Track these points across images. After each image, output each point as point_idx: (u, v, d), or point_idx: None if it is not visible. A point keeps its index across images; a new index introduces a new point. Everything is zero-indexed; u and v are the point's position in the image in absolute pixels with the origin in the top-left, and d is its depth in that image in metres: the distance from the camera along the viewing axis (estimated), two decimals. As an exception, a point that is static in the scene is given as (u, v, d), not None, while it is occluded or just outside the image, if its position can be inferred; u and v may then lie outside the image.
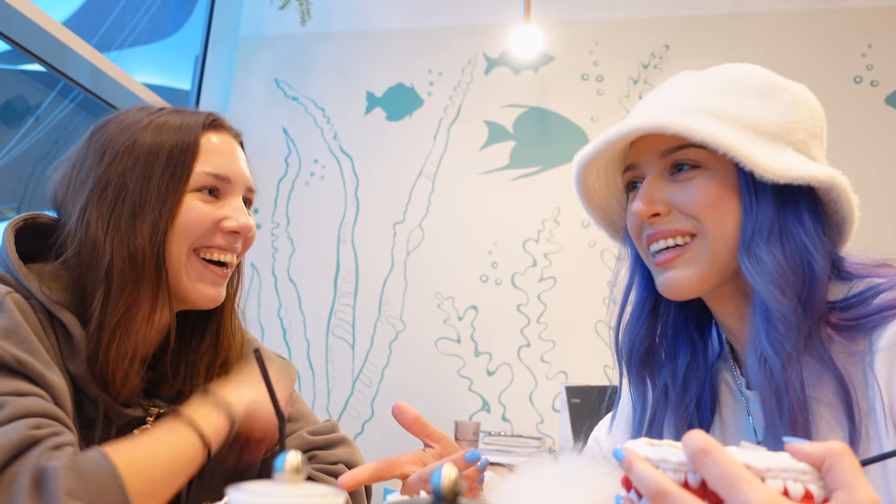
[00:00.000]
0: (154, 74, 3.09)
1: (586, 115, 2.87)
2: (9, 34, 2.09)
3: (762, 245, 0.73)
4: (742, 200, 0.76)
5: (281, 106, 3.07)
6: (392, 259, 2.89)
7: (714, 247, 0.77)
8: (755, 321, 0.74)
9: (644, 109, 0.83)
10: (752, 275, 0.73)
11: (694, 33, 2.83)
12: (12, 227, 0.86)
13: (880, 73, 2.67)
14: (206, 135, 0.90)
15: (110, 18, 2.83)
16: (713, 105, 0.78)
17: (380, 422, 2.75)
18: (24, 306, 0.78)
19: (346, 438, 1.00)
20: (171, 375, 0.92)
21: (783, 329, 0.71)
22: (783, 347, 0.71)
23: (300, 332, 2.87)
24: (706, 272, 0.77)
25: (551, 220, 2.81)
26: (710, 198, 0.77)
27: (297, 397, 1.03)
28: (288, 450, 0.41)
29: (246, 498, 0.38)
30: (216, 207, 0.89)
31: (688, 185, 0.78)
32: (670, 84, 0.86)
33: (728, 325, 0.84)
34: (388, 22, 3.07)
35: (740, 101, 0.78)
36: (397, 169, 2.95)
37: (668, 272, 0.79)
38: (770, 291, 0.72)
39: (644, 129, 0.76)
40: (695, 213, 0.77)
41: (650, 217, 0.79)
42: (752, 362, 0.74)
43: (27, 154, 2.37)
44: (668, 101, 0.82)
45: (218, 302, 0.91)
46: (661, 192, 0.79)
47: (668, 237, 0.79)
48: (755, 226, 0.74)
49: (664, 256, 0.79)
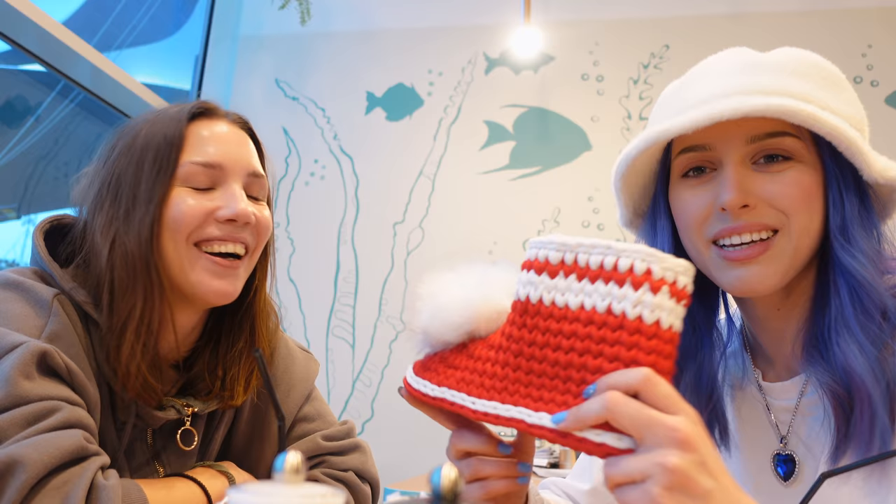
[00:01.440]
0: (154, 74, 3.09)
1: (586, 115, 2.88)
2: (9, 34, 2.09)
3: (856, 229, 0.72)
4: (830, 195, 0.73)
5: (281, 106, 3.07)
6: (392, 259, 2.89)
7: (798, 243, 0.73)
8: (842, 308, 0.71)
9: (714, 89, 0.75)
10: (847, 257, 0.71)
11: (694, 33, 2.83)
12: (41, 231, 0.86)
13: (880, 73, 2.67)
14: (194, 124, 0.87)
15: (110, 18, 2.83)
16: (807, 91, 0.73)
17: (380, 422, 2.75)
18: (69, 307, 0.79)
19: (361, 445, 0.99)
20: (208, 376, 0.90)
21: (877, 315, 0.69)
22: (878, 335, 0.69)
23: (300, 333, 2.87)
24: (787, 269, 0.74)
25: (551, 220, 2.81)
26: (804, 192, 0.73)
27: (316, 395, 1.02)
28: (289, 450, 0.41)
29: (246, 498, 0.38)
30: (209, 198, 0.84)
31: (781, 178, 0.73)
32: (732, 61, 0.78)
33: (762, 316, 0.80)
34: (388, 22, 3.07)
35: (825, 88, 0.74)
36: (397, 169, 2.95)
37: (747, 268, 0.74)
38: (868, 271, 0.70)
39: (770, 111, 0.69)
40: (786, 207, 0.72)
41: (739, 209, 0.73)
42: (837, 351, 0.70)
43: (27, 154, 2.37)
44: (752, 80, 0.74)
45: (230, 296, 0.86)
46: (751, 182, 0.73)
47: (753, 231, 0.73)
48: (844, 217, 0.72)
49: (745, 252, 0.73)
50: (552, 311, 0.57)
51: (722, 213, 0.74)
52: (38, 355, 0.71)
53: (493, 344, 0.62)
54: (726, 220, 0.74)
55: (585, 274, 0.55)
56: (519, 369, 0.59)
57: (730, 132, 0.74)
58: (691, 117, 0.71)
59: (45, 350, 0.72)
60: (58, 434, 0.68)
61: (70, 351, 0.76)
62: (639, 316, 0.52)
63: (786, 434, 0.80)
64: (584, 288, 0.55)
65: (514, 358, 0.59)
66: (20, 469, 0.64)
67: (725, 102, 0.71)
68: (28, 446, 0.66)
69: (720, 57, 0.80)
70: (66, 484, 0.67)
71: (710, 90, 0.75)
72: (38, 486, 0.65)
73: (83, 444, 0.69)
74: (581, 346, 0.55)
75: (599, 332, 0.54)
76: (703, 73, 0.79)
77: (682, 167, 0.79)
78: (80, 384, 0.75)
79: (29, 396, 0.69)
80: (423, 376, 0.67)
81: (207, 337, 0.92)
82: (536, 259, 0.59)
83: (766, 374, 0.83)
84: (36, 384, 0.70)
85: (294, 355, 1.00)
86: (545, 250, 0.58)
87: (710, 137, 0.75)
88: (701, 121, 0.71)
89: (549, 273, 0.57)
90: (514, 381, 0.59)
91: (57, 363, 0.73)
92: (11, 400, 0.69)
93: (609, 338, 0.53)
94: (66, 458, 0.67)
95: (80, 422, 0.72)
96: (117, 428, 0.82)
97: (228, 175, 0.86)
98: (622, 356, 0.53)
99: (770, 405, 0.82)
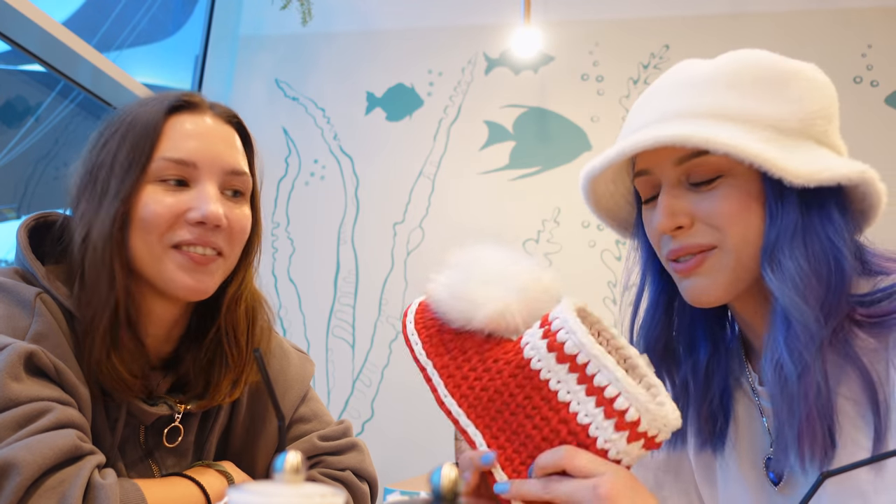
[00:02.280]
0: (154, 74, 3.09)
1: (586, 115, 2.87)
2: (9, 34, 2.09)
3: (786, 250, 0.71)
4: (767, 206, 0.73)
5: (281, 106, 3.07)
6: (392, 259, 2.89)
7: (738, 255, 0.74)
8: (774, 326, 0.72)
9: (652, 113, 0.78)
10: (773, 283, 0.71)
11: (694, 33, 2.83)
12: (25, 228, 0.84)
13: (880, 73, 2.67)
14: (174, 117, 0.83)
15: (110, 18, 2.83)
16: (727, 104, 0.74)
17: (380, 422, 2.75)
18: (53, 306, 0.78)
19: (358, 444, 0.99)
20: (194, 374, 0.89)
21: (803, 337, 0.69)
22: (801, 356, 0.69)
23: (300, 333, 2.87)
24: (731, 280, 0.75)
25: (551, 220, 2.81)
26: (736, 207, 0.73)
27: (312, 395, 1.01)
28: (288, 450, 0.41)
29: (246, 498, 0.38)
30: (181, 197, 0.80)
31: (711, 196, 0.74)
32: (674, 79, 0.80)
33: (748, 321, 0.81)
34: (388, 22, 3.07)
35: (755, 95, 0.74)
36: (397, 169, 2.95)
37: (691, 280, 0.76)
38: (792, 300, 0.69)
39: (662, 142, 0.72)
40: (719, 224, 0.74)
41: (673, 230, 0.76)
42: (767, 367, 0.72)
43: (27, 154, 2.37)
44: (676, 103, 0.77)
45: (202, 293, 0.82)
46: (682, 202, 0.75)
47: (690, 253, 0.76)
48: (779, 230, 0.71)
49: (686, 265, 0.76)
50: (543, 388, 0.62)
51: (666, 235, 0.77)
52: (24, 356, 0.70)
53: (490, 367, 0.65)
54: (670, 243, 0.77)
55: (586, 382, 0.60)
56: (493, 403, 0.64)
57: (661, 156, 0.76)
58: (620, 148, 0.75)
59: (31, 351, 0.71)
60: (51, 434, 0.67)
61: (57, 350, 0.75)
62: (605, 450, 0.59)
63: (776, 438, 0.79)
64: (579, 395, 0.60)
65: (497, 394, 0.64)
66: (14, 471, 0.64)
67: (642, 133, 0.74)
68: (21, 448, 0.65)
69: (669, 73, 0.82)
70: (61, 484, 0.66)
71: (645, 116, 0.79)
72: (33, 488, 0.65)
73: (77, 444, 0.69)
74: (548, 432, 0.61)
75: (568, 435, 0.60)
76: (649, 93, 0.82)
77: (640, 190, 0.82)
78: (69, 383, 0.74)
79: (19, 398, 0.68)
80: (420, 334, 0.71)
81: (194, 334, 0.90)
82: (556, 334, 0.61)
83: (761, 378, 0.82)
84: (25, 386, 0.69)
85: (289, 356, 1.00)
86: (568, 334, 0.61)
87: (648, 162, 0.78)
88: (626, 151, 0.74)
89: (558, 358, 0.61)
90: (486, 407, 0.64)
91: (45, 363, 0.72)
92: (1, 403, 0.68)
93: (573, 443, 0.60)
94: (60, 458, 0.67)
95: (72, 421, 0.71)
96: (110, 425, 0.82)
97: (202, 173, 0.82)
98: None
99: (762, 409, 0.81)
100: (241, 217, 0.85)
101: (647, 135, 0.73)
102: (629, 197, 0.89)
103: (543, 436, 0.61)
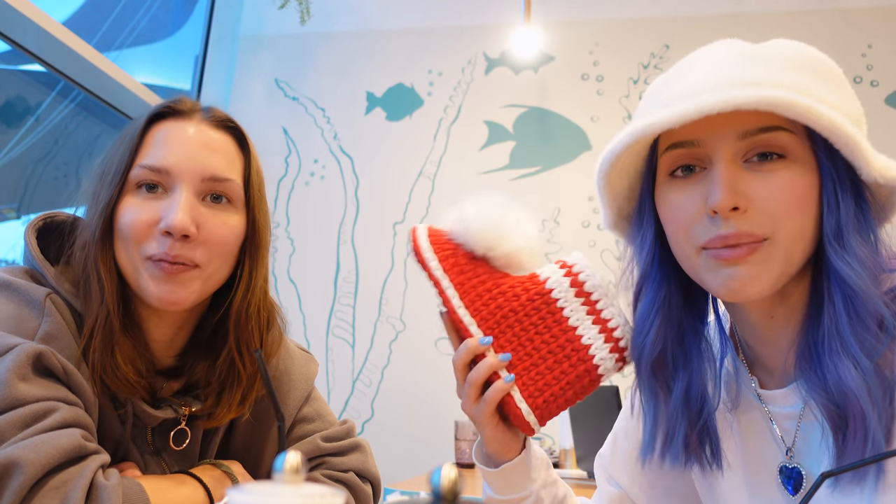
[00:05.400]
0: (154, 74, 3.09)
1: (586, 115, 2.88)
2: (9, 34, 2.09)
3: (853, 234, 0.66)
4: (825, 197, 0.67)
5: (281, 106, 3.07)
6: (392, 259, 2.89)
7: (790, 248, 0.68)
8: (839, 321, 0.66)
9: (708, 79, 0.69)
10: (849, 267, 0.65)
11: (694, 33, 2.83)
12: (33, 228, 0.85)
13: (880, 73, 2.67)
14: (157, 125, 0.82)
15: (110, 18, 2.83)
16: (806, 85, 0.67)
17: (380, 422, 2.75)
18: (62, 306, 0.78)
19: (361, 444, 0.98)
20: (204, 384, 0.88)
21: (874, 327, 0.64)
22: (875, 348, 0.64)
23: (300, 333, 2.87)
24: (779, 274, 0.68)
25: (551, 220, 2.81)
26: (797, 196, 0.67)
27: (315, 395, 1.01)
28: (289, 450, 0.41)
29: (246, 498, 0.38)
30: (154, 206, 0.79)
31: (773, 179, 0.67)
32: (726, 52, 0.72)
33: (755, 322, 0.75)
34: (388, 22, 3.07)
35: (823, 82, 0.69)
36: (397, 169, 2.95)
37: (737, 268, 0.68)
38: (865, 283, 0.64)
39: (767, 100, 0.63)
40: (778, 212, 0.67)
41: (729, 211, 0.67)
42: (833, 365, 0.66)
43: (27, 154, 2.37)
44: (751, 71, 0.68)
45: (176, 304, 0.80)
46: (742, 182, 0.67)
47: (742, 242, 0.67)
48: (839, 221, 0.66)
49: (737, 251, 0.67)
50: (557, 313, 0.77)
51: (712, 216, 0.68)
52: (33, 357, 0.71)
53: (506, 291, 0.77)
54: (717, 226, 0.68)
55: (594, 314, 0.77)
56: (506, 319, 0.77)
57: (720, 127, 0.68)
58: (678, 111, 0.65)
59: (40, 351, 0.71)
60: (55, 434, 0.68)
61: (65, 351, 0.75)
62: (598, 365, 0.76)
63: (791, 445, 0.75)
64: (585, 322, 0.77)
65: (511, 313, 0.77)
66: (18, 470, 0.64)
67: (715, 94, 0.65)
68: (25, 447, 0.65)
69: (711, 48, 0.74)
70: (65, 484, 0.66)
71: (700, 82, 0.69)
72: (36, 487, 0.65)
73: (82, 443, 0.69)
74: (554, 346, 0.76)
75: (571, 350, 0.76)
76: (692, 65, 0.73)
77: (669, 165, 0.72)
78: (76, 384, 0.74)
79: (26, 398, 0.69)
80: (436, 250, 0.81)
81: (206, 345, 0.89)
82: (577, 275, 0.78)
83: (764, 383, 0.78)
84: (32, 386, 0.70)
85: (293, 356, 1.00)
86: (588, 276, 0.78)
87: (698, 133, 0.69)
88: (689, 114, 0.65)
89: (577, 293, 0.78)
90: (498, 322, 0.77)
91: (53, 364, 0.72)
92: (8, 402, 0.68)
93: (574, 356, 0.76)
94: (64, 457, 0.67)
95: (78, 421, 0.72)
96: (121, 419, 0.82)
97: (175, 180, 0.80)
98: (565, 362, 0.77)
99: (772, 414, 0.76)
100: (219, 226, 0.81)
101: (736, 94, 0.64)
102: (627, 193, 0.81)
103: (550, 349, 0.76)
